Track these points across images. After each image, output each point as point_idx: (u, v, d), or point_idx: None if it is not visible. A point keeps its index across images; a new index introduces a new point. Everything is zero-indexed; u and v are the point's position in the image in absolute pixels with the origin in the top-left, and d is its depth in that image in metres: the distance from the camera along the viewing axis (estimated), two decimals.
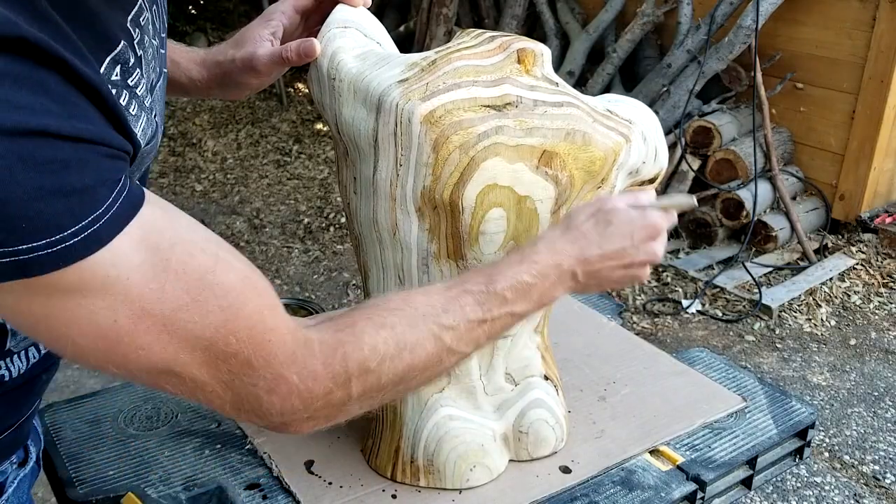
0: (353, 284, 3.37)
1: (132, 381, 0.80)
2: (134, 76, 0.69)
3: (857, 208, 3.67)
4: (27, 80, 0.54)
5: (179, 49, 1.07)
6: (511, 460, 1.11)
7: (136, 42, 0.71)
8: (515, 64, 0.94)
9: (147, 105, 0.72)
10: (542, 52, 0.96)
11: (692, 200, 0.92)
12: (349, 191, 0.99)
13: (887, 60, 3.42)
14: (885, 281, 3.46)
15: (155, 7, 0.79)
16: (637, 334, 1.50)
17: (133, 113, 0.68)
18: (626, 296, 3.32)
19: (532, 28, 4.68)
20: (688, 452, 1.15)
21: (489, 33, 0.98)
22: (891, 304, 3.33)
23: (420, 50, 4.66)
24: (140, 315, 0.61)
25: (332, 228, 3.85)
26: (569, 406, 1.19)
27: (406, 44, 4.96)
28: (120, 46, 0.67)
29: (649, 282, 3.44)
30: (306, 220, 3.91)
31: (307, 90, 5.37)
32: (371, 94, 0.91)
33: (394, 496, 1.05)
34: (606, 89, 4.12)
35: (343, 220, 3.88)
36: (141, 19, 0.73)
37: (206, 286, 0.64)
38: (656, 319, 3.19)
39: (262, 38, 1.00)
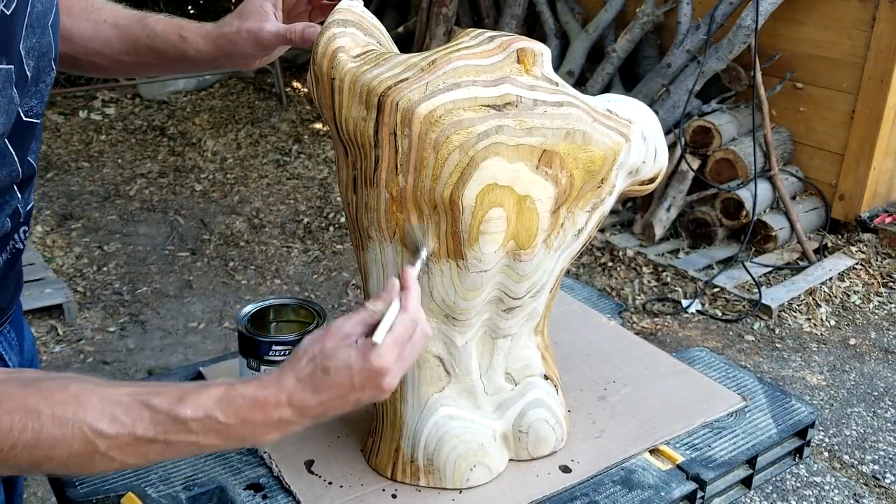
0: (353, 284, 3.37)
1: None
2: None
3: (856, 208, 3.67)
4: None
5: (187, 24, 1.09)
6: (511, 460, 1.11)
7: None
8: (515, 64, 0.94)
9: None
10: (542, 52, 0.96)
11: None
12: (349, 191, 0.99)
13: (887, 60, 3.42)
14: (884, 281, 3.46)
15: None
16: (637, 334, 1.50)
17: None
18: (626, 295, 3.33)
19: (532, 28, 4.68)
20: (688, 452, 1.15)
21: (489, 33, 0.98)
22: (890, 303, 3.33)
23: (420, 50, 4.66)
24: None
25: (331, 228, 3.85)
26: (569, 406, 1.19)
27: (406, 44, 4.97)
28: None
29: (649, 282, 3.44)
30: (306, 220, 3.92)
31: (307, 90, 5.37)
32: (371, 93, 0.91)
33: (394, 496, 1.05)
34: (606, 89, 4.12)
35: (343, 219, 3.88)
36: None
37: None
38: (656, 319, 3.19)
39: (266, 11, 1.04)
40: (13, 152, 0.86)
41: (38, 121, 0.92)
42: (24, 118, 0.87)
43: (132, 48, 1.09)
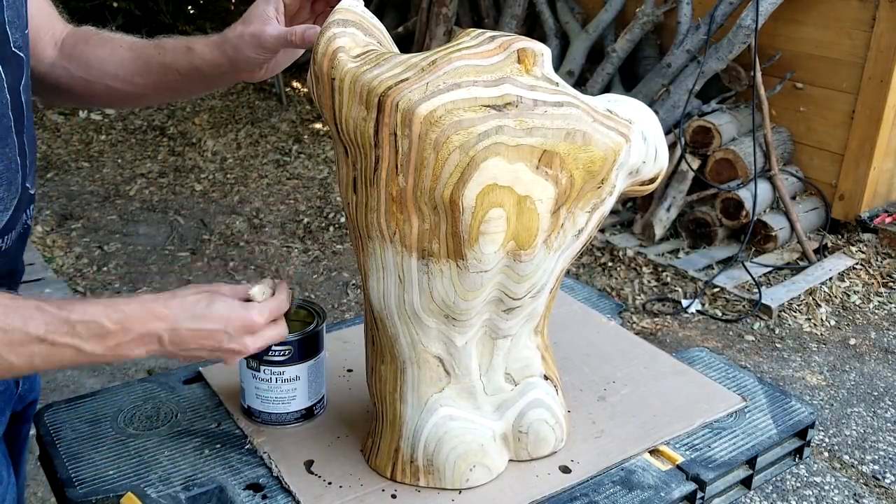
0: (353, 284, 3.37)
1: None
2: None
3: (856, 208, 3.67)
4: None
5: (194, 38, 1.12)
6: (511, 460, 1.11)
7: None
8: (515, 64, 0.94)
9: None
10: (542, 52, 0.96)
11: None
12: (349, 191, 0.99)
13: (887, 60, 3.42)
14: (884, 281, 3.46)
15: None
16: (637, 334, 1.50)
17: None
18: (626, 295, 3.32)
19: (532, 28, 4.68)
20: (687, 452, 1.15)
21: (489, 33, 0.98)
22: (890, 303, 3.33)
23: (420, 49, 4.66)
24: None
25: (331, 228, 3.85)
26: (569, 406, 1.19)
27: (406, 44, 4.97)
28: None
29: (649, 282, 3.44)
30: (306, 220, 3.91)
31: (307, 90, 5.37)
32: (371, 93, 0.91)
33: (393, 496, 1.05)
34: (606, 89, 4.12)
35: (343, 219, 3.88)
36: None
37: None
38: (656, 319, 3.19)
39: (268, 16, 1.06)
40: (3, 76, 0.89)
41: (24, 55, 0.95)
42: (13, 48, 0.91)
43: (144, 67, 1.12)
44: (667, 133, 3.58)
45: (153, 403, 1.20)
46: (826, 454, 2.48)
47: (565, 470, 1.10)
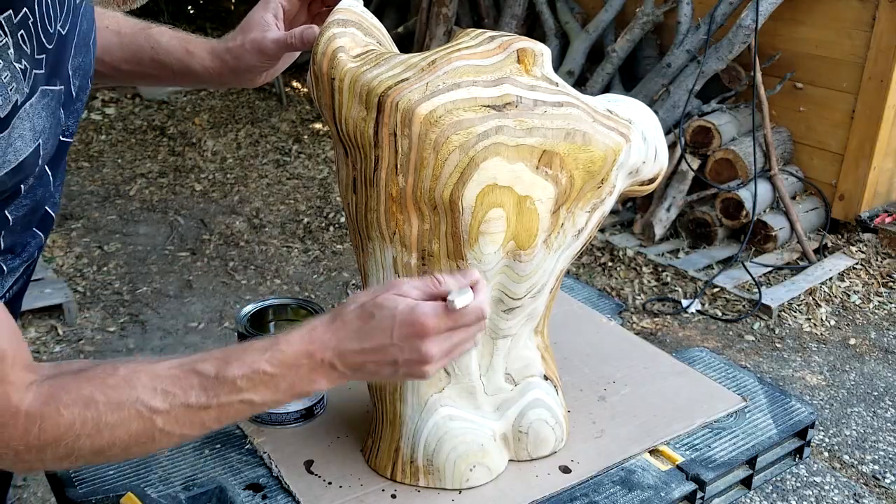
0: (353, 284, 3.37)
1: None
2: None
3: (856, 208, 3.67)
4: None
5: (193, 39, 1.10)
6: (511, 460, 1.11)
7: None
8: (515, 64, 0.94)
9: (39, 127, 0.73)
10: (542, 52, 0.96)
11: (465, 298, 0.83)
12: (349, 191, 0.99)
13: (887, 60, 3.42)
14: (884, 281, 3.46)
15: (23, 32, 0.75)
16: (637, 334, 1.50)
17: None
18: (626, 295, 3.32)
19: (532, 28, 4.68)
20: (687, 452, 1.15)
21: (489, 33, 0.98)
22: (890, 303, 3.33)
23: (420, 50, 4.66)
24: None
25: (331, 228, 3.85)
26: (569, 406, 1.19)
27: (406, 44, 4.96)
28: None
29: (649, 282, 3.44)
30: (306, 220, 3.91)
31: (306, 90, 5.37)
32: (371, 93, 0.91)
33: (393, 496, 1.05)
34: (606, 89, 4.12)
35: (343, 219, 3.88)
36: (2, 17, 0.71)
37: None
38: (656, 319, 3.19)
39: (268, 22, 1.05)
40: (50, 174, 0.85)
41: (70, 140, 0.91)
42: (62, 138, 0.86)
43: (133, 57, 1.09)
44: (667, 133, 3.58)
45: None
46: (826, 454, 2.48)
47: (565, 470, 1.10)
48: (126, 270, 3.45)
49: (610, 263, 3.57)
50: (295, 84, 5.66)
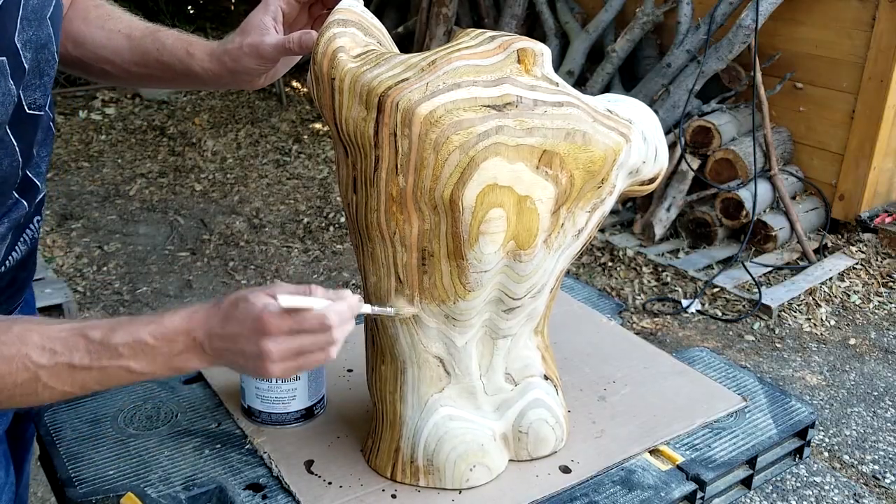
0: (353, 284, 3.37)
1: None
2: None
3: (856, 208, 3.67)
4: None
5: (195, 41, 1.10)
6: (511, 460, 1.11)
7: None
8: (515, 64, 0.94)
9: None
10: (542, 52, 0.96)
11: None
12: (349, 191, 0.99)
13: (887, 60, 3.42)
14: (884, 281, 3.46)
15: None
16: (637, 334, 1.50)
17: None
18: (626, 295, 3.32)
19: (532, 28, 4.68)
20: (688, 452, 1.15)
21: (489, 33, 0.98)
22: (890, 303, 3.33)
23: (420, 50, 4.65)
24: None
25: (331, 228, 3.85)
26: (569, 406, 1.19)
27: (406, 44, 4.96)
28: None
29: (649, 282, 3.44)
30: (306, 220, 3.92)
31: (307, 90, 5.37)
32: (371, 93, 0.91)
33: (393, 496, 1.05)
34: (606, 89, 4.12)
35: (343, 219, 3.88)
36: None
37: None
38: (656, 319, 3.19)
39: (266, 26, 1.04)
40: (14, 141, 0.88)
41: (41, 112, 0.94)
42: (28, 110, 0.89)
43: (142, 60, 1.11)
44: (667, 133, 3.58)
45: (153, 403, 1.20)
46: (826, 454, 2.48)
47: (565, 470, 1.10)
48: (126, 270, 3.45)
49: (610, 263, 3.57)
50: (295, 84, 5.66)
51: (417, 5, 4.99)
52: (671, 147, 3.60)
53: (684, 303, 3.26)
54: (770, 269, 3.49)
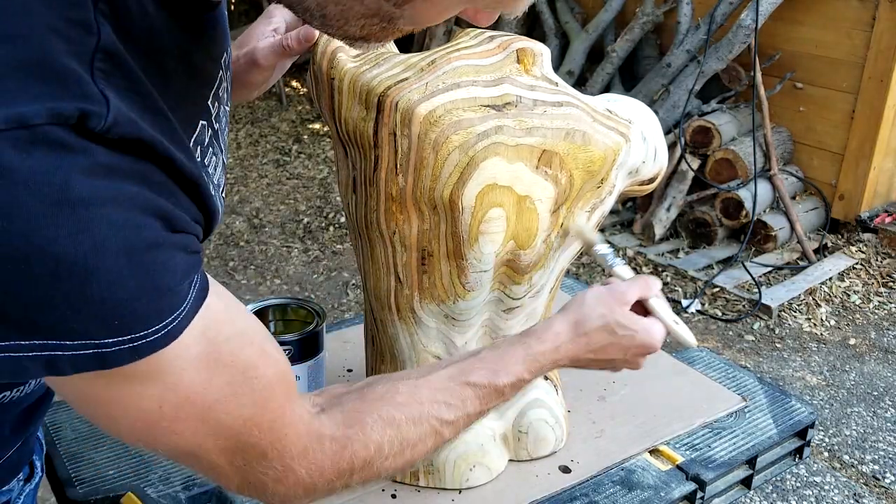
0: (353, 284, 3.37)
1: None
2: (208, 155, 0.69)
3: (856, 208, 3.67)
4: (137, 175, 0.55)
5: None
6: (511, 460, 1.11)
7: (213, 116, 0.71)
8: (515, 63, 0.94)
9: (216, 182, 0.72)
10: (542, 52, 0.96)
11: (693, 342, 0.94)
12: (348, 191, 0.99)
13: (887, 60, 3.42)
14: (884, 281, 3.46)
15: (229, 73, 0.78)
16: None
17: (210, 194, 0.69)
18: None
19: (531, 28, 4.68)
20: (687, 452, 1.15)
21: (488, 33, 0.98)
22: (890, 303, 3.33)
23: (420, 50, 4.65)
24: (183, 404, 0.62)
25: (331, 228, 3.85)
26: (569, 406, 1.19)
27: (406, 43, 4.96)
28: (199, 127, 0.67)
29: None
30: (306, 220, 3.91)
31: (306, 90, 5.37)
32: (370, 93, 0.91)
33: (393, 496, 1.05)
34: (606, 89, 4.12)
35: (343, 219, 3.88)
36: (220, 90, 0.73)
37: (248, 380, 0.65)
38: None
39: (264, 35, 1.01)
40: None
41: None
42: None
43: None
44: (667, 133, 3.58)
45: None
46: (826, 454, 2.48)
47: (565, 470, 1.10)
48: None
49: None
50: (295, 84, 5.66)
51: None
52: (671, 147, 3.60)
53: (684, 303, 3.26)
54: (770, 269, 3.49)
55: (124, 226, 0.53)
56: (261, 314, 1.22)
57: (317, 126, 5.03)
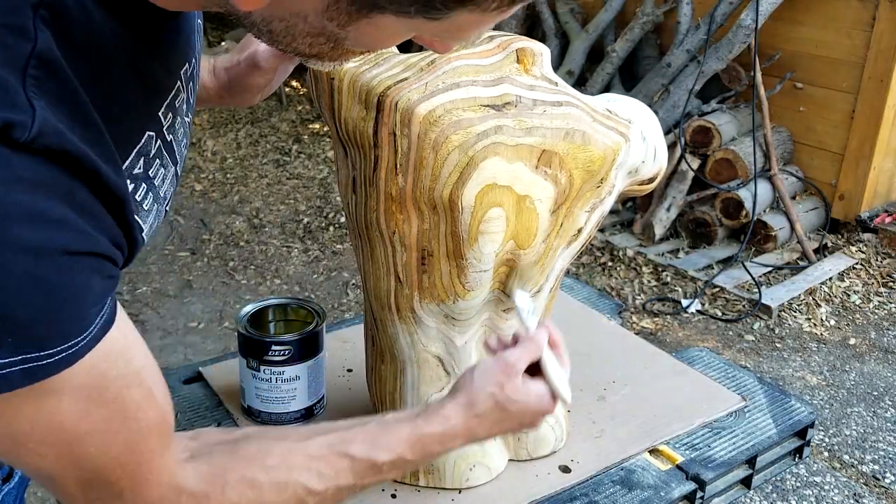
0: (353, 284, 3.37)
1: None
2: (154, 166, 0.68)
3: (856, 208, 3.67)
4: (59, 191, 0.54)
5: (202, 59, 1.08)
6: (511, 460, 1.11)
7: (165, 128, 0.70)
8: (515, 63, 0.94)
9: (161, 194, 0.71)
10: (542, 52, 0.96)
11: (567, 400, 0.93)
12: (348, 191, 0.99)
13: (887, 60, 3.42)
14: (884, 280, 3.46)
15: (191, 84, 0.77)
16: (637, 334, 1.50)
17: (146, 208, 0.67)
18: (626, 295, 3.32)
19: (531, 28, 4.68)
20: (687, 452, 1.15)
21: (488, 33, 0.98)
22: (890, 303, 3.33)
23: (419, 49, 4.65)
24: (55, 429, 0.61)
25: (331, 228, 3.85)
26: (568, 406, 1.19)
27: (406, 43, 4.96)
28: (144, 138, 0.66)
29: (649, 281, 3.44)
30: (306, 220, 3.91)
31: (306, 90, 5.37)
32: (370, 93, 0.91)
33: (393, 496, 1.05)
34: (606, 89, 4.12)
35: (343, 219, 3.88)
36: (177, 101, 0.72)
37: (126, 420, 0.64)
38: (656, 319, 3.19)
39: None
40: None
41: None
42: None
43: None
44: (667, 133, 3.58)
45: None
46: (826, 454, 2.48)
47: (565, 470, 1.10)
48: (126, 270, 3.45)
49: (610, 263, 3.57)
50: (295, 84, 5.66)
51: None
52: (671, 147, 3.60)
53: (684, 303, 3.26)
54: (770, 269, 3.49)
55: (36, 248, 0.52)
56: (261, 314, 1.22)
57: (317, 126, 5.03)
